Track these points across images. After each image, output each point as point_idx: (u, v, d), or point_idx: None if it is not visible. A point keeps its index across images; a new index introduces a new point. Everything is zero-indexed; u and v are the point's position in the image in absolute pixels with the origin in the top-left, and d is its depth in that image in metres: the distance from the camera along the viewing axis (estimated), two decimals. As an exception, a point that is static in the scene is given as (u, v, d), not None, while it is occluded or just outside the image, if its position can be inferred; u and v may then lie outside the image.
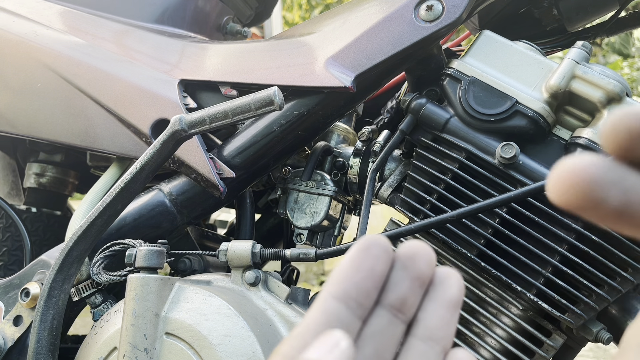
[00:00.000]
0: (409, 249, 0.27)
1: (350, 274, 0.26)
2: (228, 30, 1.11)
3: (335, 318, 0.25)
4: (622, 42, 4.74)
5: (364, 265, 0.26)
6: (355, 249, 0.26)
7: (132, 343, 0.59)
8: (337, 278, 0.26)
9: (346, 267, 0.26)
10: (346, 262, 0.26)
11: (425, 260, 0.28)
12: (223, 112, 0.64)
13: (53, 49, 0.83)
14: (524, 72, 0.66)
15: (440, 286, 0.28)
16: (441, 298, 0.28)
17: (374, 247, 0.26)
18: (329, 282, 0.27)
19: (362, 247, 0.26)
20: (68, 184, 1.05)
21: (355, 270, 0.26)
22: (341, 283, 0.26)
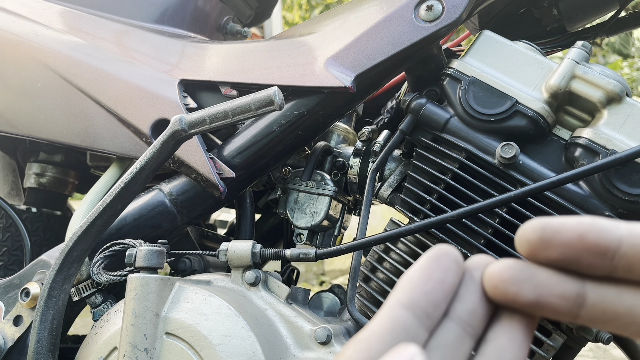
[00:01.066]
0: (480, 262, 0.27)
1: (420, 283, 0.25)
2: (228, 30, 1.11)
3: (402, 327, 0.25)
4: (622, 42, 4.74)
5: (434, 276, 0.25)
6: (426, 259, 0.26)
7: (132, 343, 0.59)
8: (405, 286, 0.25)
9: (416, 276, 0.26)
10: (416, 270, 0.26)
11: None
12: (223, 112, 0.64)
13: (53, 49, 0.83)
14: (524, 72, 0.66)
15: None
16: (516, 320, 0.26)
17: (444, 258, 0.26)
18: (397, 289, 0.26)
19: (433, 257, 0.26)
20: (68, 184, 1.05)
21: (425, 280, 0.25)
22: (410, 291, 0.25)
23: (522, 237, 0.25)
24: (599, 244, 0.24)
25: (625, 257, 0.24)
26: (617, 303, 0.25)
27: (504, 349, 0.26)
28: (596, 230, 0.24)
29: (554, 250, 0.24)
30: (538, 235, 0.24)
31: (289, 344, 0.61)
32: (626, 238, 0.24)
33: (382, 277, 0.70)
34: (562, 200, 0.63)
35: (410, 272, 0.26)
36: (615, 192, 0.60)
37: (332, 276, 3.26)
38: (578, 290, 0.25)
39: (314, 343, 0.61)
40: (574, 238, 0.24)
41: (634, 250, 0.24)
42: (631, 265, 0.24)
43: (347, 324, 0.66)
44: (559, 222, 0.24)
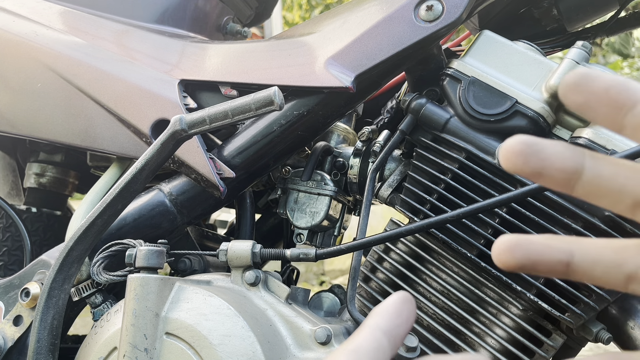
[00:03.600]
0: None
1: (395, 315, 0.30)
2: (228, 30, 1.11)
3: (382, 349, 0.28)
4: (622, 42, 4.74)
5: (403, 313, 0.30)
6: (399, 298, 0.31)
7: (132, 343, 0.59)
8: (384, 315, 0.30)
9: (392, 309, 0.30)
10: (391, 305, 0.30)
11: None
12: (223, 112, 0.64)
13: (53, 49, 0.83)
14: (524, 72, 0.66)
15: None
16: None
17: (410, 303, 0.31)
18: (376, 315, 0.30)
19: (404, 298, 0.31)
20: (68, 184, 1.05)
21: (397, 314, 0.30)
22: (388, 320, 0.29)
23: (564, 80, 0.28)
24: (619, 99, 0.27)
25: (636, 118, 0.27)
26: (610, 180, 0.28)
27: None
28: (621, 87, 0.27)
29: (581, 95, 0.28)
30: (575, 81, 0.28)
31: (289, 344, 0.61)
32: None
33: (382, 277, 0.70)
34: (562, 200, 0.63)
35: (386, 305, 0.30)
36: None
37: (332, 276, 3.26)
38: (577, 166, 0.28)
39: (314, 343, 0.61)
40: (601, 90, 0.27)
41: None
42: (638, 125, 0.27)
43: (347, 324, 0.66)
44: (596, 74, 0.27)
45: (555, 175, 0.28)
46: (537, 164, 0.29)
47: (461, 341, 0.64)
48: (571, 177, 0.28)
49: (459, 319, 0.65)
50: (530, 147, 0.29)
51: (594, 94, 0.27)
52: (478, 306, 0.64)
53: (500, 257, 0.30)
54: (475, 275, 0.65)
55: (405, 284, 0.67)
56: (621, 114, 0.27)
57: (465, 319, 0.64)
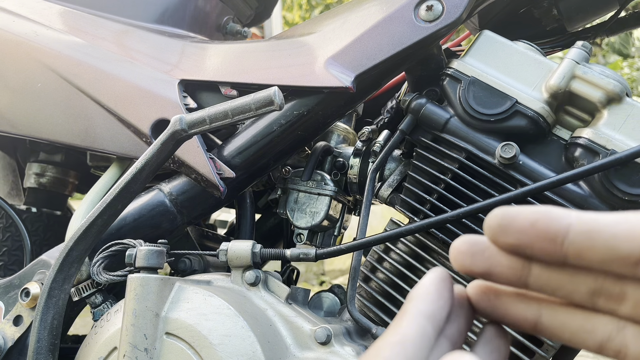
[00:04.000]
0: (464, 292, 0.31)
1: (436, 298, 0.28)
2: (228, 30, 1.11)
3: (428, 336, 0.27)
4: (622, 42, 4.74)
5: (444, 294, 0.29)
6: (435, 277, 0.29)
7: (132, 343, 0.59)
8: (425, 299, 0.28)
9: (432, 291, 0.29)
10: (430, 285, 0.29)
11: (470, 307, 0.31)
12: (223, 112, 0.64)
13: (53, 49, 0.83)
14: (524, 72, 0.66)
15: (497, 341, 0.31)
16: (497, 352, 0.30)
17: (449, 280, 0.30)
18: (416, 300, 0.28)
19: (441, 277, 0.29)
20: (68, 184, 1.05)
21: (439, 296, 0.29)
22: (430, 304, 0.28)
23: (486, 223, 0.28)
24: (549, 230, 0.26)
25: (574, 244, 0.26)
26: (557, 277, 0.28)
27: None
28: (546, 218, 0.26)
29: (510, 236, 0.27)
30: (498, 222, 0.27)
31: (289, 344, 0.61)
32: (574, 225, 0.26)
33: (382, 277, 0.70)
34: (562, 200, 0.63)
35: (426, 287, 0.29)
36: (615, 192, 0.60)
37: (332, 276, 3.26)
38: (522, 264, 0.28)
39: (314, 343, 0.61)
40: (526, 225, 0.26)
41: (581, 236, 0.26)
42: (580, 251, 0.26)
43: (347, 324, 0.66)
44: (516, 211, 0.27)
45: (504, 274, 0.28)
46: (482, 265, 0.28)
47: (461, 341, 0.63)
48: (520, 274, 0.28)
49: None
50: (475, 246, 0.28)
51: (523, 233, 0.26)
52: (478, 306, 0.64)
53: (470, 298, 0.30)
54: (475, 275, 0.65)
55: (406, 284, 0.67)
56: (557, 245, 0.26)
57: (465, 319, 0.64)
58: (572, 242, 0.26)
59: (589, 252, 0.25)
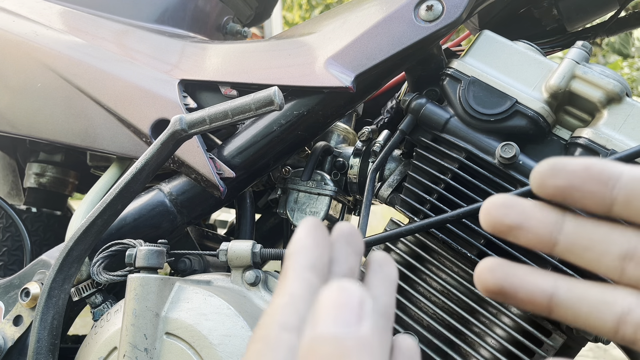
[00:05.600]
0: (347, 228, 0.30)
1: (313, 247, 0.27)
2: (228, 30, 1.11)
3: (313, 287, 0.26)
4: (622, 42, 4.74)
5: (320, 242, 0.28)
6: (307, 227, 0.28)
7: (132, 343, 0.59)
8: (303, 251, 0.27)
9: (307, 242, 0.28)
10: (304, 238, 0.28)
11: (359, 237, 0.30)
12: (223, 112, 0.64)
13: (53, 49, 0.83)
14: (524, 72, 0.66)
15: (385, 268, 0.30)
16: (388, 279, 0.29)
17: (320, 226, 0.29)
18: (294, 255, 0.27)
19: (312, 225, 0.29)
20: (68, 184, 1.05)
21: (316, 245, 0.28)
22: (309, 256, 0.27)
23: (536, 170, 0.28)
24: (602, 172, 0.26)
25: (624, 189, 0.26)
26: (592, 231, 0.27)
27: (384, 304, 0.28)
28: (601, 163, 0.27)
29: (561, 178, 0.27)
30: (550, 166, 0.27)
31: (289, 344, 0.61)
32: (627, 172, 0.26)
33: (382, 277, 0.69)
34: (562, 200, 0.63)
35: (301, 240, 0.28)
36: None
37: (332, 276, 3.26)
38: (558, 217, 0.28)
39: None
40: (581, 168, 0.27)
41: (633, 182, 0.26)
42: (630, 197, 0.26)
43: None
44: (567, 158, 0.27)
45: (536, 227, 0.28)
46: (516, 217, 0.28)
47: (461, 341, 0.64)
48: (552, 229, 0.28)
49: (459, 319, 0.65)
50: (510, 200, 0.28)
51: (575, 175, 0.27)
52: (478, 306, 0.64)
53: (481, 277, 0.28)
54: (475, 275, 0.65)
55: (406, 283, 0.67)
56: (608, 189, 0.26)
57: (465, 319, 0.64)
58: (623, 186, 0.26)
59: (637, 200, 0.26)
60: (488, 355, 0.63)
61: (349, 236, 0.30)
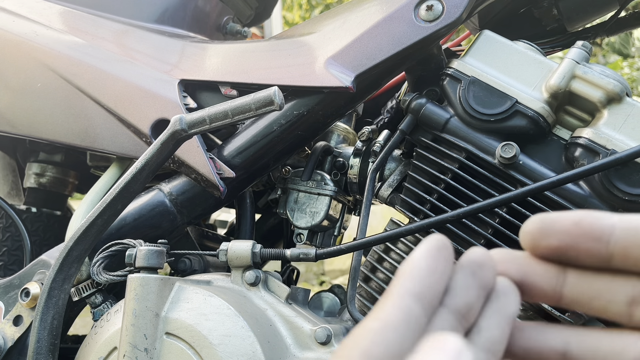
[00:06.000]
0: (478, 257, 0.28)
1: (426, 273, 0.26)
2: (228, 30, 1.11)
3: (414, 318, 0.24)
4: (622, 42, 4.74)
5: (438, 267, 0.26)
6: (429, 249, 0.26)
7: (132, 343, 0.59)
8: (413, 276, 0.25)
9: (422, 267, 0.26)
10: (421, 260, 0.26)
11: (490, 270, 0.28)
12: (223, 112, 0.64)
13: (53, 49, 0.83)
14: (524, 72, 0.66)
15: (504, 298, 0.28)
16: (503, 310, 0.27)
17: (445, 249, 0.26)
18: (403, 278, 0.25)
19: (435, 247, 0.26)
20: (68, 184, 1.05)
21: (431, 271, 0.26)
22: (418, 282, 0.25)
23: (524, 230, 0.27)
24: (594, 228, 0.26)
25: (620, 242, 0.25)
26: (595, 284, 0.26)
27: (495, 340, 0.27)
28: (590, 217, 0.26)
29: (553, 238, 0.26)
30: (538, 226, 0.26)
31: (289, 344, 0.61)
32: (618, 224, 0.26)
33: (382, 277, 0.70)
34: (562, 200, 0.63)
35: (415, 262, 0.26)
36: (615, 192, 0.60)
37: (332, 276, 3.26)
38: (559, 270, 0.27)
39: (314, 343, 0.61)
40: (570, 225, 0.26)
41: (627, 233, 0.25)
42: (627, 249, 0.25)
43: (347, 324, 0.66)
44: (557, 214, 0.26)
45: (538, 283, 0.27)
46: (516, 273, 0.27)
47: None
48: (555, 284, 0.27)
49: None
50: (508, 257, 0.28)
51: (566, 234, 0.26)
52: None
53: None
54: (475, 275, 0.65)
55: (405, 284, 0.67)
56: (603, 244, 0.25)
57: (465, 319, 0.64)
58: (618, 240, 0.25)
59: (636, 250, 0.25)
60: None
61: (477, 265, 0.27)
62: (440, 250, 0.26)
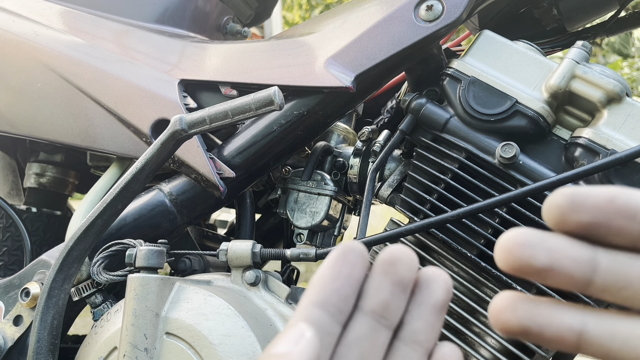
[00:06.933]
0: (389, 254, 0.28)
1: (329, 280, 0.26)
2: (228, 30, 1.11)
3: (318, 325, 0.26)
4: (622, 42, 4.74)
5: (342, 272, 0.27)
6: (333, 257, 0.27)
7: (132, 343, 0.59)
8: (317, 285, 0.27)
9: (325, 274, 0.27)
10: (324, 269, 0.27)
11: (406, 264, 0.28)
12: (223, 112, 0.64)
13: (53, 49, 0.83)
14: (524, 72, 0.66)
15: (426, 289, 0.28)
16: (426, 301, 0.28)
17: (350, 254, 0.27)
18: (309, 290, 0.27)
19: (338, 254, 0.27)
20: (68, 184, 1.05)
21: (334, 277, 0.26)
22: (321, 290, 0.26)
23: (552, 203, 0.25)
24: (629, 206, 0.24)
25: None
26: (629, 268, 0.25)
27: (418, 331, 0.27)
28: (626, 194, 0.24)
29: (585, 213, 0.24)
30: (569, 200, 0.24)
31: (289, 344, 0.61)
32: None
33: (382, 277, 0.69)
34: (562, 200, 0.63)
35: (319, 272, 0.27)
36: (615, 192, 0.60)
37: (332, 276, 3.26)
38: (590, 254, 0.25)
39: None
40: (604, 201, 0.24)
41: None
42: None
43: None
44: (589, 189, 0.25)
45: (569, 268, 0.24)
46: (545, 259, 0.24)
47: (461, 341, 0.64)
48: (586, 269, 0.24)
49: (459, 319, 0.65)
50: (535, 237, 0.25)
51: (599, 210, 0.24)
52: (478, 306, 0.64)
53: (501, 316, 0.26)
54: (475, 275, 0.65)
55: (405, 283, 0.67)
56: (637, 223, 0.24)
57: (465, 319, 0.64)
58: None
59: None
60: (488, 355, 0.63)
61: (388, 263, 0.27)
62: (346, 255, 0.27)
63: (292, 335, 0.25)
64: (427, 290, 0.28)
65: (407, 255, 0.28)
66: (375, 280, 0.28)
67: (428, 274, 0.29)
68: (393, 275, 0.27)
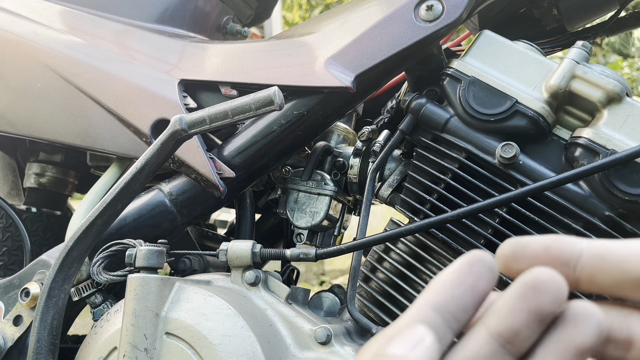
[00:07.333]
0: (533, 278, 0.25)
1: (450, 286, 0.25)
2: (228, 30, 1.11)
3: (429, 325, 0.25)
4: (622, 42, 4.73)
5: (465, 281, 0.26)
6: (458, 263, 0.26)
7: (132, 343, 0.59)
8: (436, 288, 0.26)
9: (447, 279, 0.26)
10: (447, 274, 0.26)
11: (551, 295, 0.24)
12: (223, 112, 0.64)
13: (53, 49, 0.83)
14: (524, 72, 0.66)
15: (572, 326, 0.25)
16: (567, 340, 0.25)
17: (477, 264, 0.26)
18: (427, 291, 0.26)
19: (464, 262, 0.26)
20: (68, 184, 1.05)
21: (456, 284, 0.25)
22: (440, 294, 0.25)
23: (499, 253, 0.27)
24: (562, 254, 0.26)
25: (586, 267, 0.26)
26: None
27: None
28: (559, 243, 0.26)
29: (523, 261, 0.27)
30: (511, 250, 0.27)
31: (289, 344, 0.61)
32: (586, 249, 0.26)
33: (382, 277, 0.70)
34: (562, 200, 0.63)
35: (442, 275, 0.26)
36: (615, 192, 0.60)
37: (332, 276, 3.26)
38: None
39: (314, 343, 0.61)
40: (540, 250, 0.26)
41: (593, 259, 0.26)
42: (592, 274, 0.26)
43: (347, 324, 0.66)
44: (529, 238, 0.27)
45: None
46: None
47: (461, 341, 0.64)
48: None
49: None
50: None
51: (536, 259, 0.26)
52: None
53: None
54: (475, 275, 0.65)
55: (406, 283, 0.67)
56: (570, 269, 0.26)
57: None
58: (584, 265, 0.26)
59: (600, 275, 0.25)
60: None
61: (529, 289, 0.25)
62: (472, 264, 0.26)
63: (410, 338, 0.24)
64: (573, 328, 0.25)
65: (555, 283, 0.25)
66: (509, 303, 0.25)
67: (578, 310, 0.25)
68: (532, 302, 0.25)
